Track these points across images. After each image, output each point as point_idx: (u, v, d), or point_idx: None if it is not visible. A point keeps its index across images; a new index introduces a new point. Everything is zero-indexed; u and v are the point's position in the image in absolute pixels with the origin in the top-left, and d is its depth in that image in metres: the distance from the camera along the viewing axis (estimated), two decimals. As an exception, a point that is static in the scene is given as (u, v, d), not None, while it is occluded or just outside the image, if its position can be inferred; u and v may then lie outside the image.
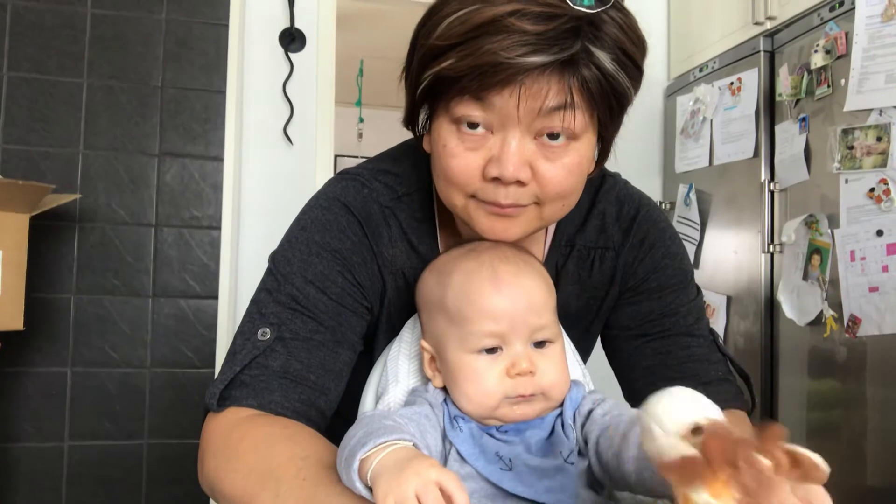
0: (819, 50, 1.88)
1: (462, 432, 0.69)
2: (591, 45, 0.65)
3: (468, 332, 0.69)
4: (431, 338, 0.75)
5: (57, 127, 2.15)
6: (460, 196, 0.73)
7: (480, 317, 0.69)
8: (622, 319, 0.88)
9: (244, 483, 0.66)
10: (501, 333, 0.69)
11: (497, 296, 0.69)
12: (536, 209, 0.73)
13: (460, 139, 0.70)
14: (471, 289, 0.70)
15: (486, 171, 0.69)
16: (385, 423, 0.61)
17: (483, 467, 0.67)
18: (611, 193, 0.87)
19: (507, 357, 0.69)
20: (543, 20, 0.63)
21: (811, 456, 0.44)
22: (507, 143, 0.68)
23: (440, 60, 0.67)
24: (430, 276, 0.77)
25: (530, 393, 0.68)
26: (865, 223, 1.73)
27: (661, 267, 0.86)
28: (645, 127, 2.67)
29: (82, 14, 2.19)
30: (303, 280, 0.77)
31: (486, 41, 0.63)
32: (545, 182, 0.70)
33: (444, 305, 0.72)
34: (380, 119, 4.67)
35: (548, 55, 0.63)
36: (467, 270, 0.72)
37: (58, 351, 2.12)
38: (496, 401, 0.68)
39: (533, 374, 0.68)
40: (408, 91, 0.75)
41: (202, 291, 2.23)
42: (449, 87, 0.68)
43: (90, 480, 2.13)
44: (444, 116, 0.71)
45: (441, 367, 0.73)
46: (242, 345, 0.76)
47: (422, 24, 0.71)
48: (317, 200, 0.83)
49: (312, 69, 2.44)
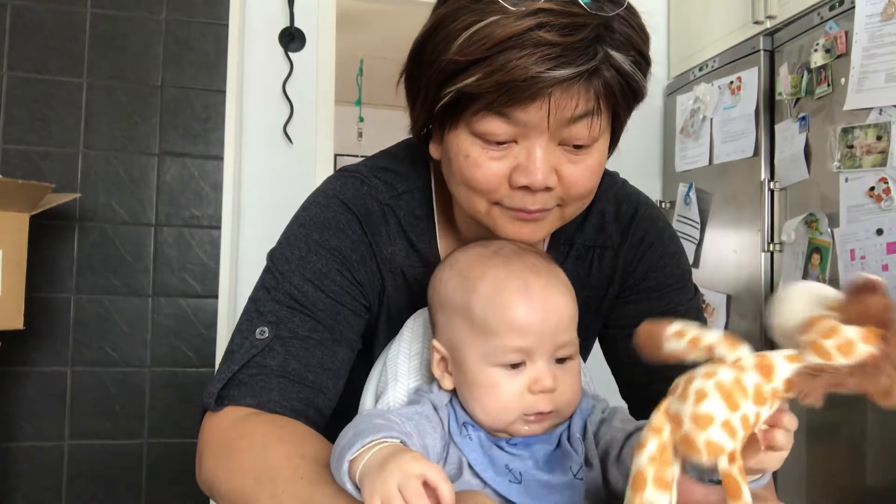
0: (819, 49, 1.87)
1: (471, 440, 0.68)
2: (610, 49, 0.65)
3: (494, 345, 0.67)
4: (446, 340, 0.72)
5: (57, 127, 2.15)
6: (484, 203, 0.72)
7: (508, 330, 0.67)
8: (620, 319, 0.87)
9: (242, 483, 0.66)
10: (527, 349, 0.67)
11: (528, 311, 0.67)
12: (559, 210, 0.74)
13: (484, 149, 0.69)
14: (500, 300, 0.68)
15: (512, 179, 0.69)
16: (375, 421, 0.60)
17: (492, 478, 0.66)
18: (609, 192, 0.87)
19: (529, 372, 0.67)
20: (569, 31, 0.63)
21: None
22: (533, 151, 0.68)
23: (462, 77, 0.65)
24: (451, 277, 0.74)
25: (549, 410, 0.67)
26: (865, 222, 1.73)
27: (659, 266, 0.86)
28: (645, 126, 2.67)
29: (82, 14, 2.19)
30: (301, 278, 0.77)
31: (513, 55, 0.63)
32: (570, 185, 0.70)
33: (468, 311, 0.69)
34: (380, 118, 4.67)
35: (575, 66, 0.63)
36: (496, 278, 0.69)
37: (58, 350, 2.12)
38: (514, 417, 0.67)
39: (553, 392, 0.67)
40: (421, 106, 0.73)
41: (202, 291, 2.24)
42: (471, 102, 0.67)
43: (90, 480, 2.13)
44: (463, 128, 0.70)
45: (455, 371, 0.71)
46: (240, 343, 0.75)
47: (428, 35, 0.70)
48: (315, 198, 0.82)
49: (312, 68, 2.44)
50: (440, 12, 0.69)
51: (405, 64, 0.75)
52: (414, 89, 0.74)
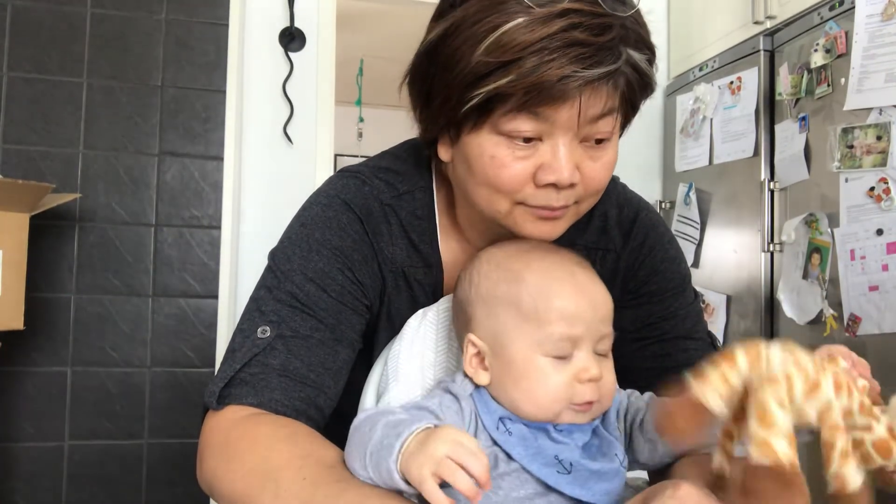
0: (819, 49, 1.88)
1: (511, 435, 0.69)
2: (629, 48, 0.67)
3: (545, 333, 0.68)
4: (488, 333, 0.72)
5: (57, 127, 2.15)
6: (506, 203, 0.73)
7: (558, 318, 0.68)
8: (621, 322, 0.87)
9: (243, 483, 0.66)
10: (576, 337, 0.69)
11: (577, 299, 0.69)
12: (575, 207, 0.75)
13: (510, 149, 0.70)
14: (549, 288, 0.70)
15: (538, 177, 0.70)
16: (400, 416, 0.63)
17: (538, 470, 0.67)
18: (612, 196, 0.88)
19: (575, 362, 0.69)
20: (598, 31, 0.65)
21: None
22: (558, 149, 0.69)
23: (493, 78, 0.66)
24: (492, 270, 0.74)
25: (595, 399, 0.69)
26: (865, 222, 1.73)
27: (660, 270, 0.87)
28: (645, 126, 2.67)
29: (82, 14, 2.19)
30: (303, 277, 0.77)
31: (546, 56, 0.64)
32: (589, 181, 0.72)
33: (516, 301, 0.70)
34: (380, 118, 4.68)
35: (604, 66, 0.65)
36: (542, 269, 0.71)
37: (58, 350, 2.12)
38: (561, 406, 0.68)
39: (600, 380, 0.69)
40: (440, 108, 0.72)
41: (202, 291, 2.23)
42: (500, 103, 0.67)
43: (90, 480, 2.13)
44: (486, 129, 0.70)
45: (495, 364, 0.71)
46: (242, 342, 0.75)
47: (446, 37, 0.69)
48: (317, 197, 0.82)
49: (312, 69, 2.44)
50: (455, 15, 0.69)
51: (413, 66, 0.75)
52: (428, 92, 0.74)
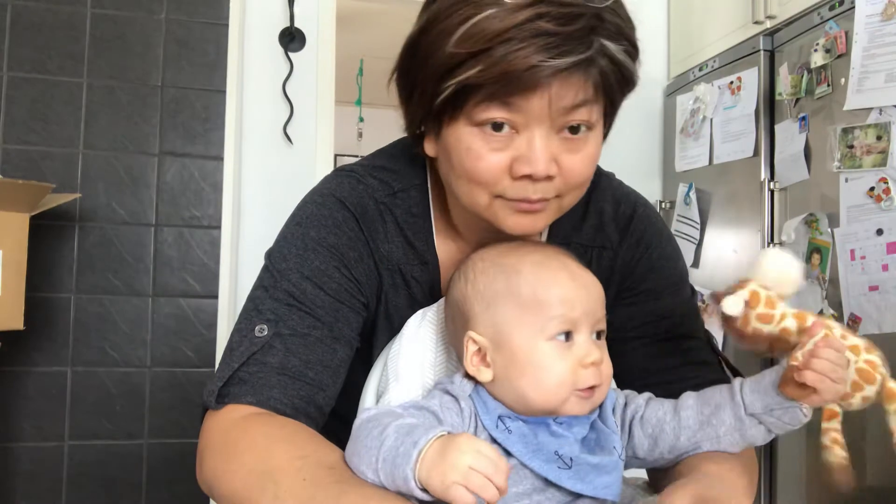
0: (819, 49, 1.88)
1: (511, 433, 0.69)
2: (604, 39, 0.67)
3: (545, 318, 0.70)
4: (488, 328, 0.72)
5: (57, 127, 2.15)
6: (485, 196, 0.73)
7: (559, 301, 0.70)
8: (618, 321, 0.87)
9: (243, 483, 0.66)
10: (575, 320, 0.70)
11: (573, 285, 0.71)
12: (557, 201, 0.75)
13: (485, 141, 0.70)
14: (546, 277, 0.72)
15: (514, 169, 0.70)
16: (410, 421, 0.63)
17: (539, 466, 0.67)
18: (607, 192, 0.87)
19: (576, 349, 0.70)
20: (565, 21, 0.65)
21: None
22: (534, 141, 0.69)
23: (463, 69, 0.67)
24: (487, 268, 0.75)
25: (598, 383, 0.70)
26: (865, 222, 1.73)
27: (657, 268, 0.87)
28: (645, 126, 2.66)
29: (82, 14, 2.19)
30: (299, 276, 0.77)
31: (513, 46, 0.64)
32: (569, 174, 0.72)
33: (514, 292, 0.71)
34: (380, 118, 4.65)
35: (574, 56, 0.65)
36: (536, 262, 0.73)
37: (58, 350, 2.12)
38: (567, 392, 0.69)
39: (601, 364, 0.71)
40: (418, 101, 0.74)
41: (202, 291, 2.23)
42: (472, 94, 0.68)
43: (90, 480, 2.13)
44: (462, 120, 0.71)
45: (498, 358, 0.71)
46: (239, 341, 0.75)
47: (423, 32, 0.71)
48: (312, 196, 0.83)
49: (312, 69, 2.44)
50: (433, 9, 0.70)
51: (398, 62, 0.76)
52: (409, 85, 0.75)
